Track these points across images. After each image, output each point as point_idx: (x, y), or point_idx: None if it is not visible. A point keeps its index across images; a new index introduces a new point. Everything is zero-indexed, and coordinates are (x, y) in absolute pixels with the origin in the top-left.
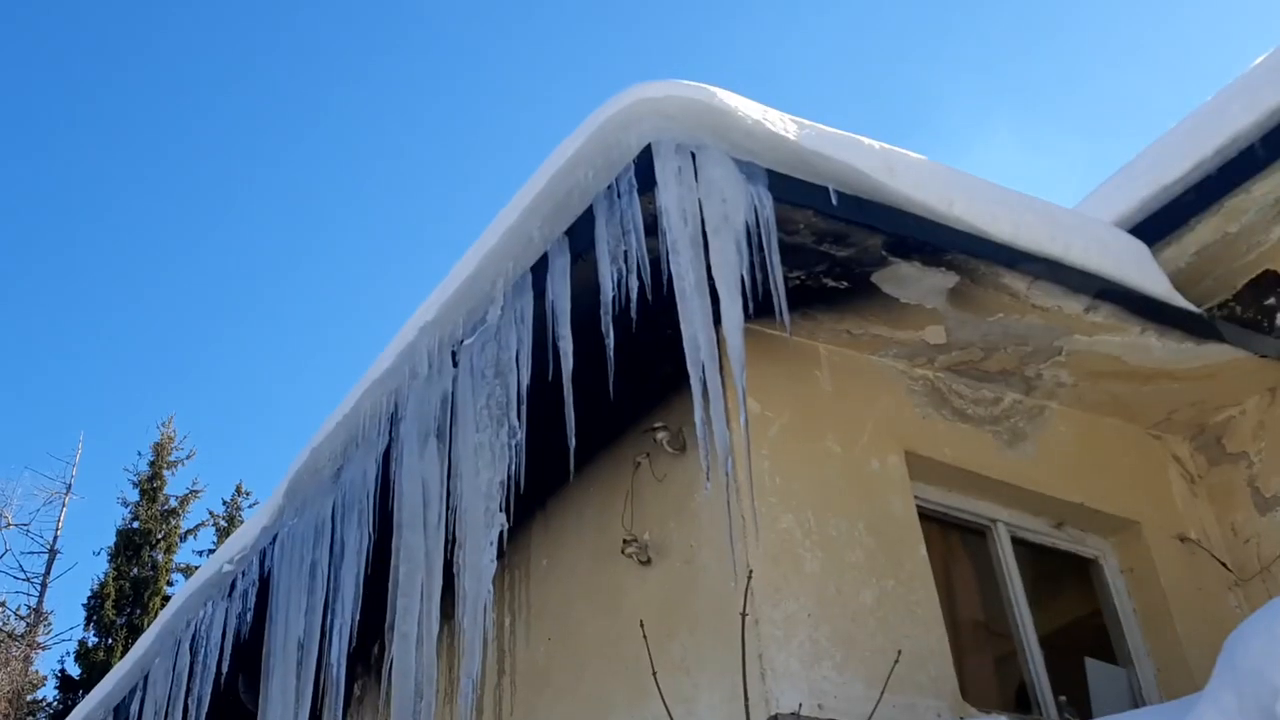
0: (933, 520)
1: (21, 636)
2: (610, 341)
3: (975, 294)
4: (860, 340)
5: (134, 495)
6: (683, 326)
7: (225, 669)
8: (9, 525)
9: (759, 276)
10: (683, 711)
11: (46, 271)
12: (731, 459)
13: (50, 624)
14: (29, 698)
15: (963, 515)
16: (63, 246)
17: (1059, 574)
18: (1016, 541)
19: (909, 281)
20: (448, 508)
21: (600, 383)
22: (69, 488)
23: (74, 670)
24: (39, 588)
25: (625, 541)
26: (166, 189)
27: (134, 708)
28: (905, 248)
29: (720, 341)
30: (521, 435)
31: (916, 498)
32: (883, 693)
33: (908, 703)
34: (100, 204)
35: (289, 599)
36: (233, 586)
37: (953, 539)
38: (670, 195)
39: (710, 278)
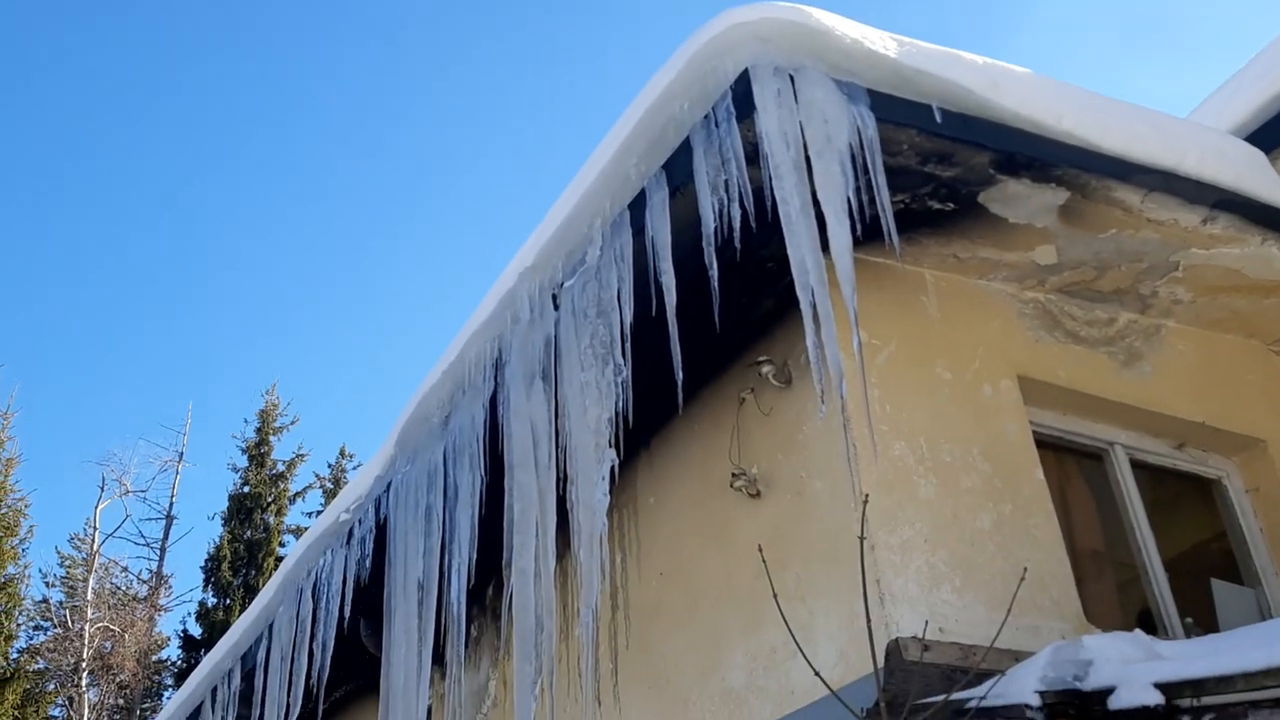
0: (1048, 446)
1: (144, 599)
2: (714, 273)
3: (1087, 210)
4: (967, 264)
5: (243, 461)
6: (790, 252)
7: (347, 614)
8: (127, 492)
9: (863, 200)
10: (800, 638)
11: (154, 248)
12: (845, 384)
13: (170, 587)
14: (154, 657)
15: (1079, 439)
16: (166, 220)
17: (1180, 496)
18: (1136, 464)
19: (1018, 200)
20: (557, 446)
21: (702, 319)
22: (181, 456)
23: (195, 630)
24: (158, 552)
25: (734, 476)
26: (264, 159)
27: (260, 655)
28: (1013, 165)
29: (829, 266)
30: (627, 372)
31: (1031, 423)
32: (1008, 613)
33: (1031, 625)
34: (200, 176)
35: (406, 543)
36: (350, 534)
37: (1068, 464)
38: (770, 119)
39: (815, 201)
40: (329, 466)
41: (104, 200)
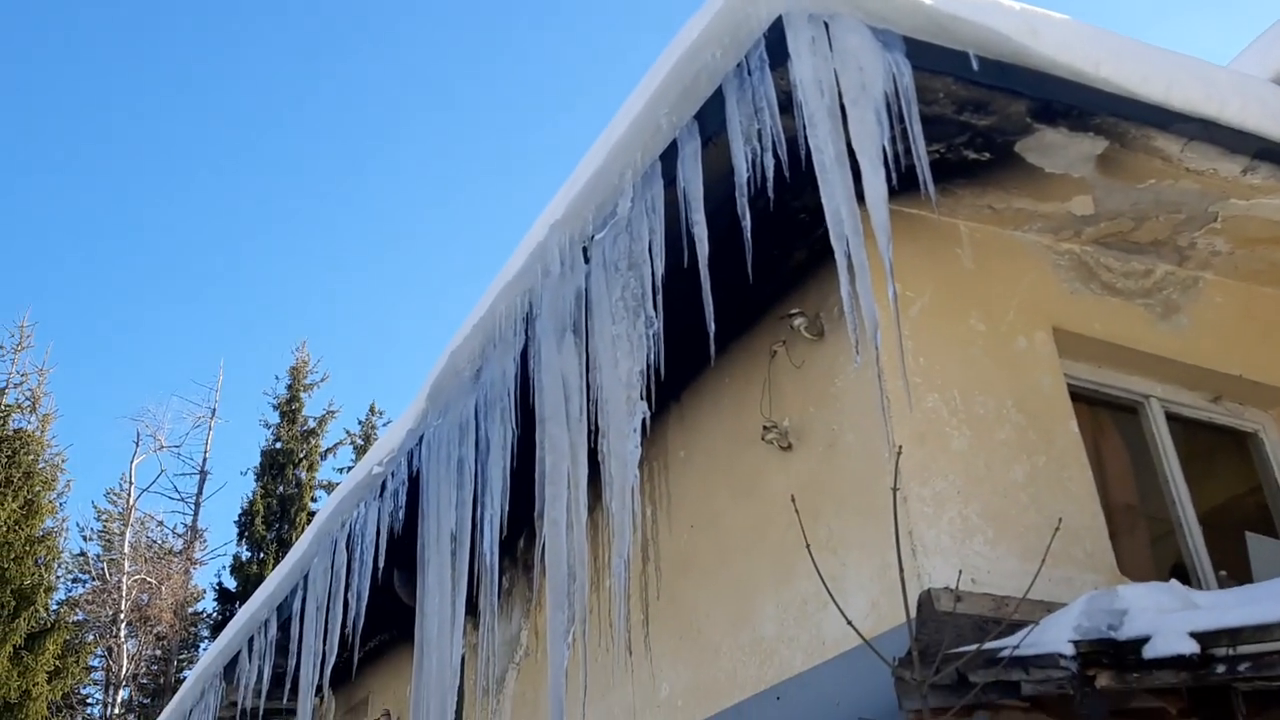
0: (1082, 399)
1: (180, 553)
2: (746, 224)
3: (1125, 159)
4: (1003, 215)
5: (274, 417)
6: (824, 202)
7: (381, 565)
8: (162, 448)
9: (898, 149)
10: (832, 589)
11: (186, 206)
12: (879, 335)
13: (205, 541)
14: (190, 609)
15: (1113, 392)
16: (199, 179)
17: (1215, 449)
18: (1171, 417)
19: (1055, 149)
20: (588, 399)
21: (734, 271)
22: (213, 412)
23: (230, 583)
24: (193, 507)
25: (765, 429)
26: (298, 118)
27: (295, 605)
28: (1051, 113)
29: (863, 216)
30: (659, 325)
31: (1065, 375)
32: (1041, 564)
33: (1064, 576)
34: (236, 135)
35: (439, 495)
36: (383, 487)
37: (1103, 417)
38: (805, 67)
39: (850, 151)
40: (359, 423)
41: (137, 159)
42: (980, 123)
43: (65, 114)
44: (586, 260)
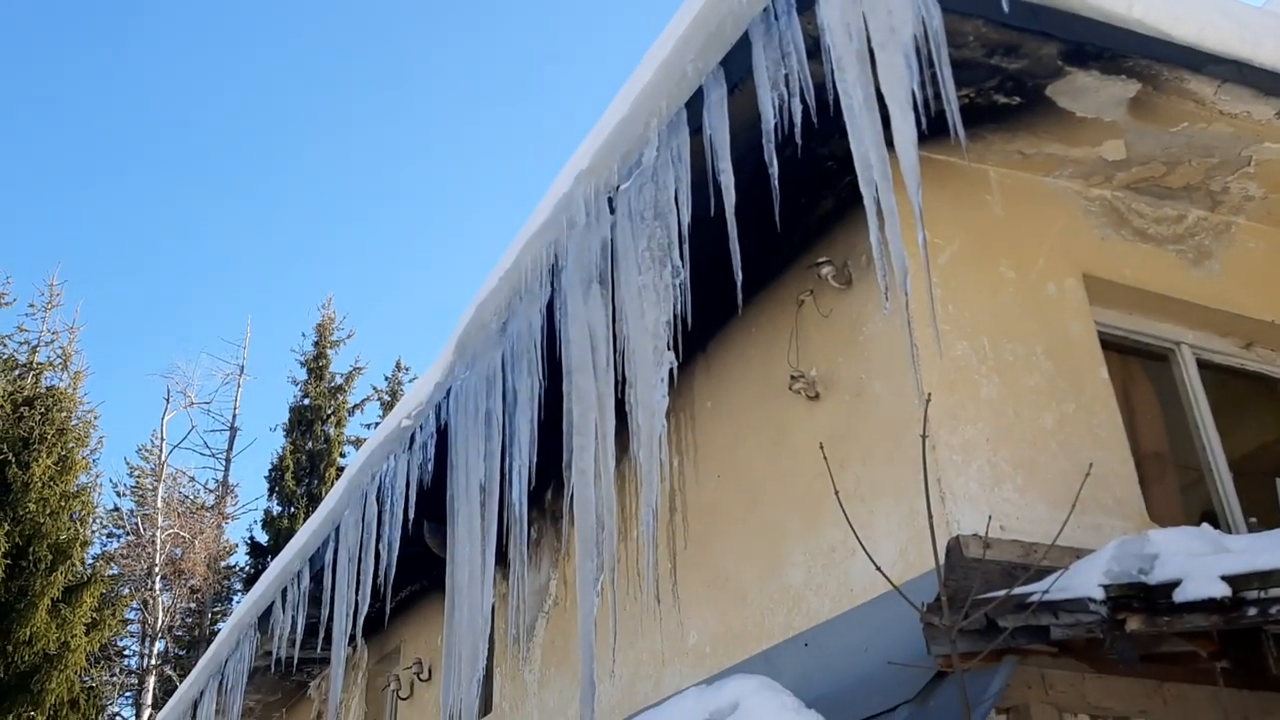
0: (1112, 346)
1: (212, 508)
2: (774, 171)
3: (1158, 103)
4: (1033, 161)
5: (302, 374)
6: (853, 147)
7: (411, 516)
8: (192, 404)
9: (927, 94)
10: (860, 537)
11: (211, 164)
12: (909, 281)
13: (236, 496)
14: (223, 563)
15: (1144, 339)
16: (223, 136)
17: (1247, 396)
18: (1202, 364)
19: (1086, 93)
20: (615, 350)
21: (760, 220)
22: (242, 369)
23: (261, 537)
24: (224, 463)
25: (792, 378)
26: (319, 68)
27: (328, 556)
28: (1082, 55)
29: (892, 161)
30: (685, 274)
31: (1095, 322)
32: (1071, 510)
33: (1094, 523)
34: (256, 87)
35: (467, 447)
36: (412, 440)
37: (1133, 365)
38: (832, 10)
39: (879, 95)
40: (385, 379)
41: (166, 117)
42: (1011, 66)
43: (88, 69)
44: (612, 210)
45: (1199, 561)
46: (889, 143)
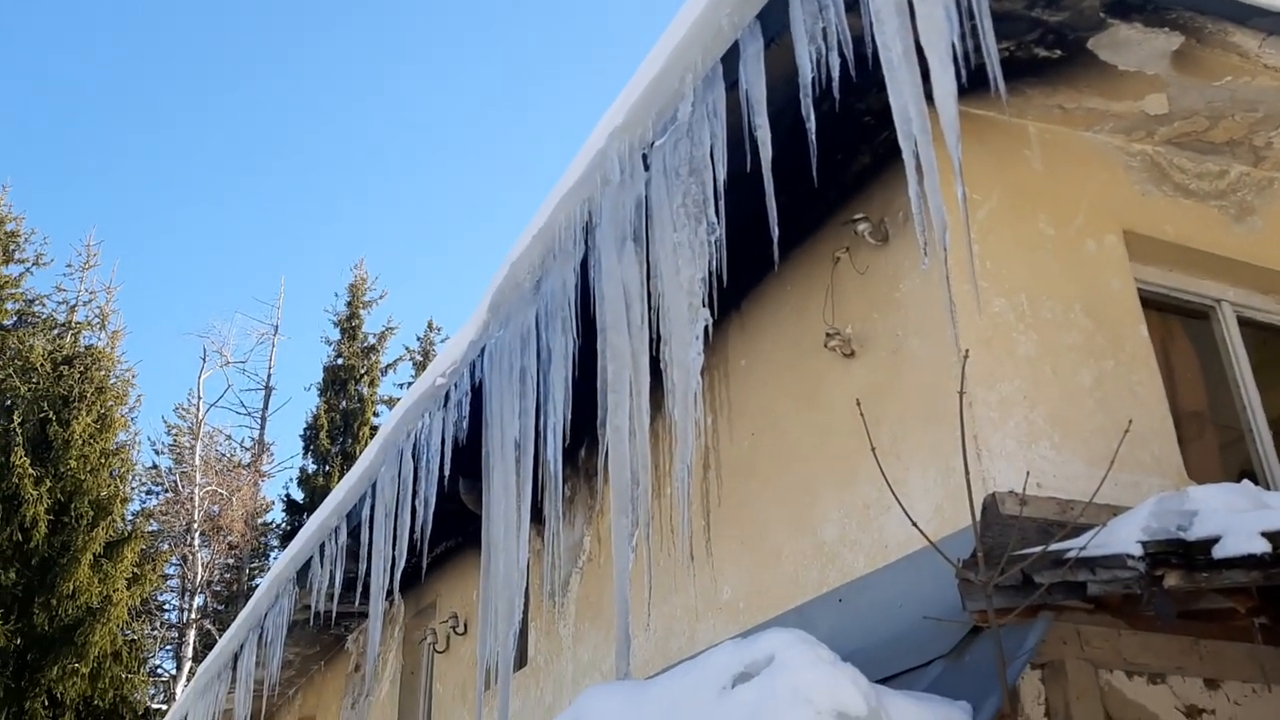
0: (1152, 304)
1: (248, 465)
2: (811, 125)
3: (1201, 56)
4: (1073, 115)
5: (335, 334)
6: (891, 100)
7: (446, 473)
8: (228, 363)
9: (967, 46)
10: (895, 493)
11: (243, 126)
12: (948, 236)
13: (272, 454)
14: (260, 520)
15: (1184, 296)
16: (255, 98)
17: None
18: (1243, 322)
19: (1129, 46)
20: (649, 307)
21: (796, 176)
22: (276, 329)
23: (297, 495)
24: (259, 421)
25: (828, 335)
26: (352, 35)
27: (365, 513)
28: (1125, 8)
29: (931, 115)
30: (721, 231)
31: (1135, 279)
32: (1110, 467)
33: (1131, 480)
34: (290, 51)
35: (502, 404)
36: (447, 398)
37: (1172, 322)
38: None
39: (918, 48)
40: (418, 339)
41: (201, 77)
42: (1052, 18)
43: (124, 28)
44: (647, 167)
45: (1239, 518)
46: (928, 96)
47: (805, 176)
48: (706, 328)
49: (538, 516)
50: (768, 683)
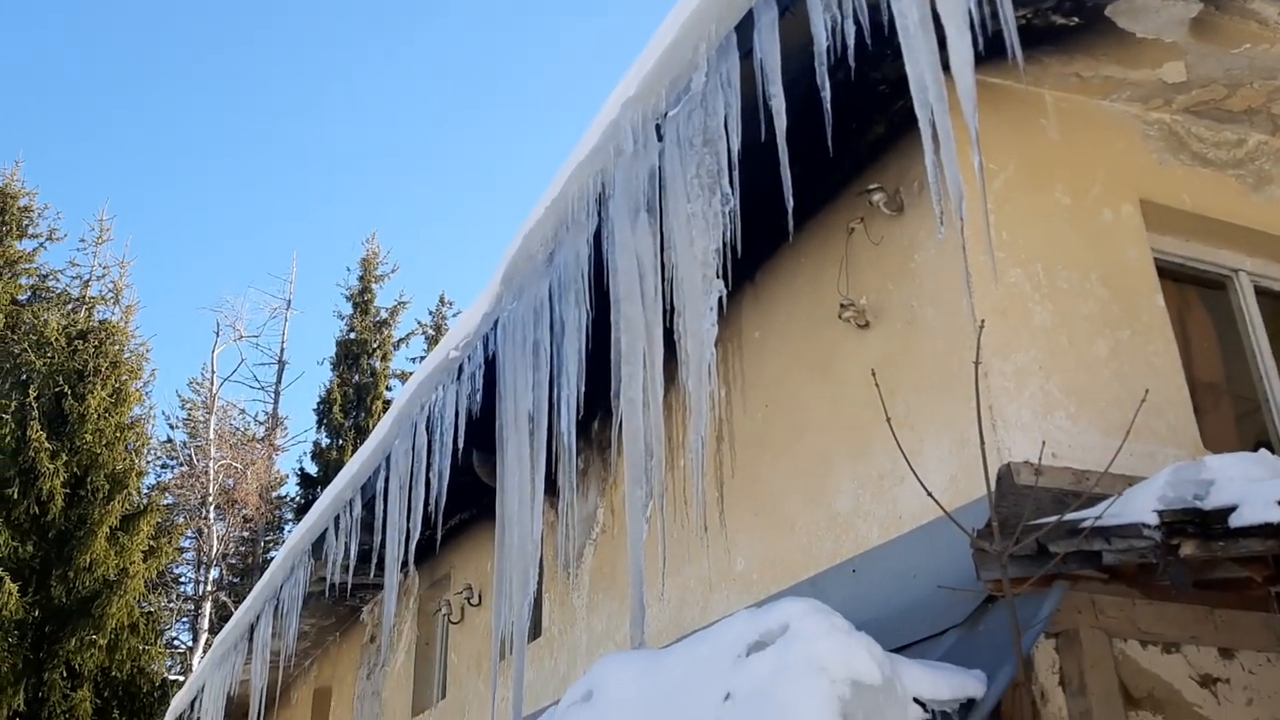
0: (1168, 274)
1: (262, 439)
2: (826, 94)
3: (1220, 23)
4: (1090, 83)
5: (347, 308)
6: (908, 68)
7: (460, 446)
8: (241, 338)
9: (984, 13)
10: (911, 464)
11: (253, 99)
12: (965, 205)
13: (286, 428)
14: (274, 493)
15: (1201, 266)
16: (264, 71)
17: None
18: (1260, 292)
19: (1147, 13)
20: (663, 279)
21: (810, 147)
22: (289, 303)
23: (311, 468)
24: (273, 395)
25: (842, 306)
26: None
27: (379, 485)
28: None
29: (948, 84)
30: (735, 201)
31: (1152, 249)
32: (1126, 436)
33: (1147, 451)
34: (300, 18)
35: (515, 377)
36: (460, 370)
37: (1189, 292)
38: None
39: (935, 16)
40: (430, 313)
41: (212, 49)
42: None
43: (135, 4)
44: (660, 138)
45: (1255, 487)
46: (945, 65)
47: (820, 146)
48: (720, 299)
49: (552, 488)
50: (782, 651)
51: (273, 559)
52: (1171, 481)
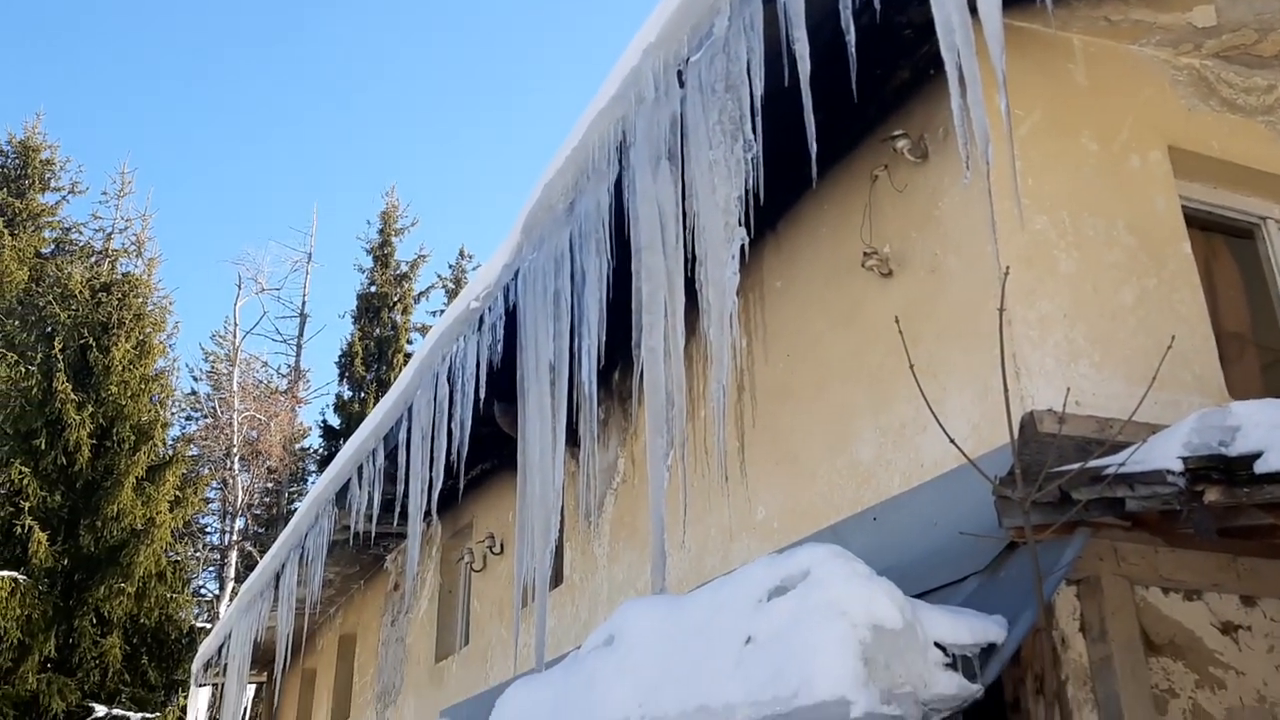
0: (1195, 223)
1: (285, 392)
2: (851, 38)
3: None
4: (1119, 28)
5: (368, 262)
6: (934, 10)
7: (482, 396)
8: (263, 290)
9: None
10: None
11: (273, 53)
12: (991, 149)
13: (308, 380)
14: (298, 445)
15: (1229, 214)
16: (289, 28)
17: None
18: None
19: None
20: (685, 227)
21: (834, 93)
22: (309, 256)
23: (334, 420)
24: (295, 348)
25: (865, 255)
26: None
27: (401, 436)
28: None
29: (975, 26)
30: (758, 148)
31: (1179, 196)
32: (1151, 384)
33: (1171, 399)
34: None
35: (536, 327)
36: (481, 321)
37: (1216, 241)
38: None
39: None
40: (449, 267)
41: (232, 8)
42: None
43: None
44: (682, 84)
45: None
46: (971, 7)
47: (844, 92)
48: (743, 247)
49: (573, 438)
50: (803, 596)
51: (297, 509)
52: (1197, 428)
